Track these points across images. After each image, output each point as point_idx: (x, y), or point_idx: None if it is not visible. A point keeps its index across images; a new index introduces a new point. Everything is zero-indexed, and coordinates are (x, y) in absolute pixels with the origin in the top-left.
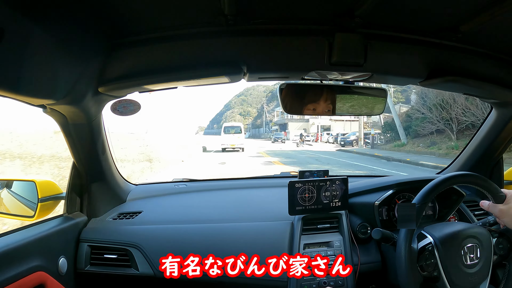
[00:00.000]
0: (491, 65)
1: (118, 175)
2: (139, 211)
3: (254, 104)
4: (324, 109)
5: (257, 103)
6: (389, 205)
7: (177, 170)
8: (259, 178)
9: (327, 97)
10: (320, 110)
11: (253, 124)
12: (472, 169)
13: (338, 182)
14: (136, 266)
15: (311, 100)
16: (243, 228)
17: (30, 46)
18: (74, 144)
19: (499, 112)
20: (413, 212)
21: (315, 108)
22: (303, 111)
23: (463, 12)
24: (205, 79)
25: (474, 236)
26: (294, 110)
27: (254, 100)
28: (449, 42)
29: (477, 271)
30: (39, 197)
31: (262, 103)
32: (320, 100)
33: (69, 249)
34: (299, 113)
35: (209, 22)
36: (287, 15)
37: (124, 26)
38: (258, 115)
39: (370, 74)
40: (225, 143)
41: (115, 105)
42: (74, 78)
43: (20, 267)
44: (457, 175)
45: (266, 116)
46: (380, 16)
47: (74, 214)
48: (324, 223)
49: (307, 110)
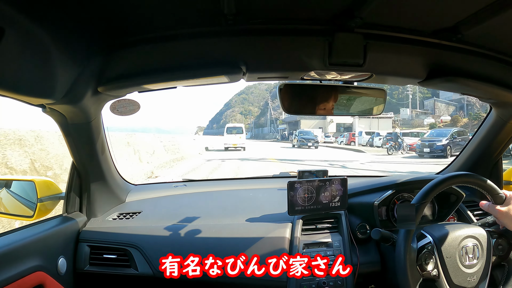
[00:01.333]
0: (490, 66)
1: (118, 175)
2: (139, 211)
3: (256, 103)
4: (324, 109)
5: (258, 101)
6: (389, 205)
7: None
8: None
9: (326, 97)
10: (319, 110)
11: (255, 123)
12: (471, 170)
13: (338, 182)
14: (135, 266)
15: (311, 100)
16: (243, 228)
17: (30, 46)
18: (73, 143)
19: (498, 113)
20: (412, 212)
21: (314, 108)
22: (303, 111)
23: (463, 13)
24: (205, 79)
25: (473, 236)
26: (293, 110)
27: (256, 99)
28: (449, 42)
29: (476, 271)
30: (38, 197)
31: (266, 99)
32: (320, 100)
33: (68, 249)
34: (299, 113)
35: (209, 22)
36: (286, 15)
37: (124, 26)
38: (261, 113)
39: (369, 74)
40: (227, 142)
41: (114, 105)
42: (74, 78)
43: (19, 267)
44: (456, 175)
45: (271, 113)
46: (379, 16)
47: (73, 214)
48: (324, 223)
49: (307, 110)
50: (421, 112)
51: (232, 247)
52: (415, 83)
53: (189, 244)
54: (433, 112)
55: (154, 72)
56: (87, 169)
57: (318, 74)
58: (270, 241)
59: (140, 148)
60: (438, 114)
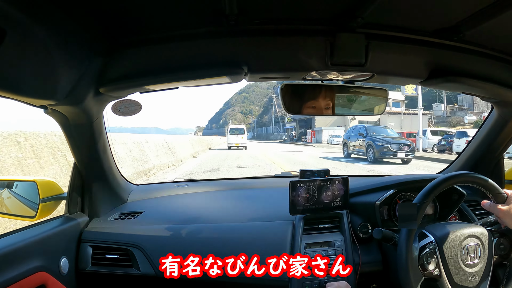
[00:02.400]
0: (492, 65)
1: (119, 175)
2: (140, 211)
3: (257, 102)
4: (325, 109)
5: (260, 100)
6: (390, 205)
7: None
8: (260, 178)
9: (328, 97)
10: (321, 110)
11: (257, 122)
12: (473, 169)
13: (339, 182)
14: (137, 266)
15: (312, 100)
16: (244, 228)
17: (32, 47)
18: (75, 144)
19: (500, 112)
20: (414, 212)
21: (316, 108)
22: (304, 111)
23: (464, 12)
24: (206, 79)
25: (474, 235)
26: (295, 110)
27: (257, 98)
28: (450, 42)
29: (478, 270)
30: (40, 198)
31: (270, 95)
32: (321, 100)
33: (70, 249)
34: (300, 113)
35: (210, 22)
36: (288, 16)
37: (125, 26)
38: (265, 111)
39: (371, 74)
40: (231, 142)
41: (116, 106)
42: (75, 79)
43: (22, 268)
44: (458, 174)
45: (276, 111)
46: (381, 16)
47: (75, 214)
48: (325, 223)
49: (308, 110)
50: (458, 108)
51: (235, 247)
52: (416, 83)
53: (191, 244)
54: (472, 108)
55: (156, 72)
56: (89, 169)
57: (319, 74)
58: (272, 241)
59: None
60: (477, 110)
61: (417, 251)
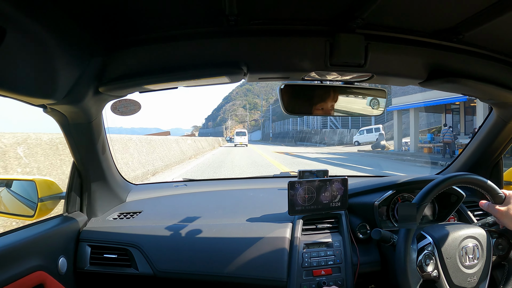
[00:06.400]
0: (491, 66)
1: (118, 174)
2: (139, 210)
3: (264, 95)
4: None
5: (266, 93)
6: (389, 205)
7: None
8: (259, 178)
9: (327, 98)
10: (320, 110)
11: (269, 118)
12: (472, 170)
13: (338, 182)
14: (136, 266)
15: (312, 101)
16: (243, 228)
17: (31, 46)
18: (74, 143)
19: (499, 113)
20: (413, 212)
21: (315, 108)
22: (303, 111)
23: (463, 14)
24: (205, 79)
25: (473, 236)
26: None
27: (263, 90)
28: (449, 43)
29: (476, 271)
30: (39, 197)
31: (281, 86)
32: (321, 100)
33: (69, 248)
34: (300, 114)
35: (210, 22)
36: (287, 16)
37: (125, 26)
38: (277, 101)
39: (370, 75)
40: (236, 141)
41: (115, 105)
42: (75, 78)
43: (20, 267)
44: (456, 175)
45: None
46: (380, 17)
47: (74, 213)
48: (324, 223)
49: (307, 110)
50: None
51: (233, 247)
52: (415, 84)
53: (189, 244)
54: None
55: (155, 72)
56: (88, 168)
57: (319, 74)
58: (270, 241)
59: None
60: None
61: (415, 252)
